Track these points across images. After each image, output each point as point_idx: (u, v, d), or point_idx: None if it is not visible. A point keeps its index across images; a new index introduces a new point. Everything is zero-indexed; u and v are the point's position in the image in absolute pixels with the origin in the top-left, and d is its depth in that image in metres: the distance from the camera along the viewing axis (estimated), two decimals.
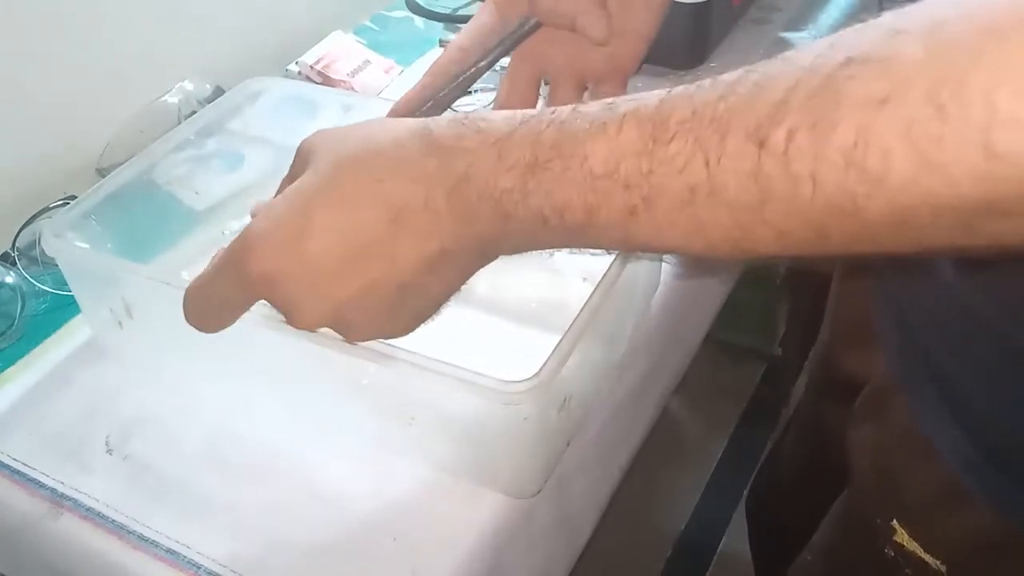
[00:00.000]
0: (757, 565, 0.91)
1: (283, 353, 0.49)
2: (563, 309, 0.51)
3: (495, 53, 0.53)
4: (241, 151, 0.68)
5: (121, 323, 0.56)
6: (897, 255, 0.28)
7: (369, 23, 1.00)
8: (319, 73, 0.85)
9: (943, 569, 0.48)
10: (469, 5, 0.94)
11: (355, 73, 0.86)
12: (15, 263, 0.68)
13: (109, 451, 0.55)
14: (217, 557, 0.48)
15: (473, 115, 0.36)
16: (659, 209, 0.30)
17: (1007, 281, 0.41)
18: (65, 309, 0.65)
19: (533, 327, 0.57)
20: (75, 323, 0.64)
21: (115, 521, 0.51)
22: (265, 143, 0.67)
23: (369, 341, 0.41)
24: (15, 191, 0.72)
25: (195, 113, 0.71)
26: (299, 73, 0.86)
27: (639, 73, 0.57)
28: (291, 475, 0.52)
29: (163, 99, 0.78)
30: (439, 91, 0.53)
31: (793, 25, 0.89)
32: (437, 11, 0.95)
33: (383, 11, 1.02)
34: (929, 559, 0.49)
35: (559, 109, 0.33)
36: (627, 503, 0.69)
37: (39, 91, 0.74)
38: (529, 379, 0.42)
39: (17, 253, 0.68)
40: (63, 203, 0.69)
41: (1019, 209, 0.24)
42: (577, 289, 0.58)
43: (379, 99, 0.77)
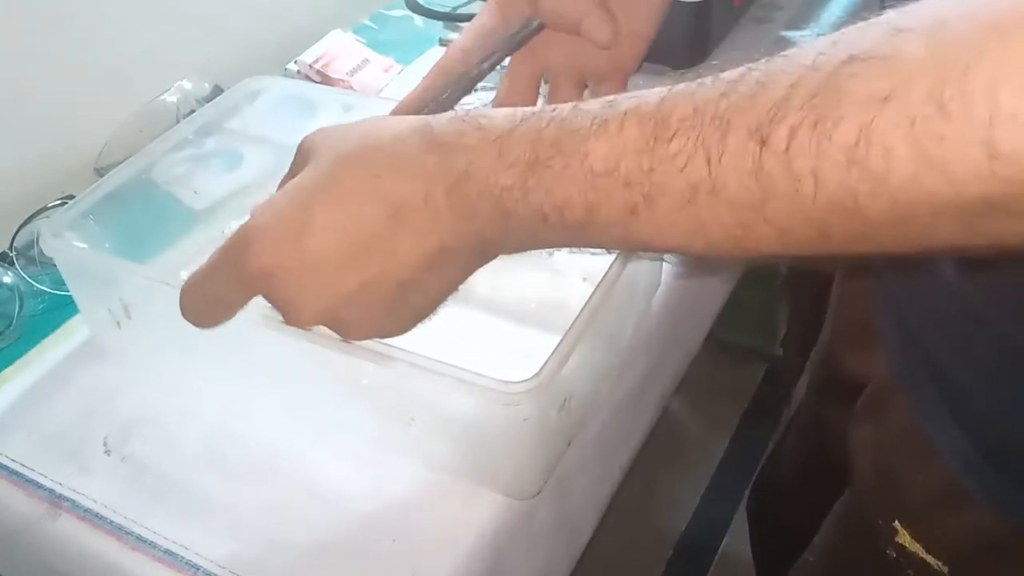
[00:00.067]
0: (758, 566, 0.91)
1: (282, 353, 0.48)
2: (563, 309, 0.51)
3: (497, 55, 0.53)
4: (240, 150, 0.68)
5: (119, 323, 0.56)
6: (898, 255, 0.28)
7: (368, 22, 1.00)
8: (318, 72, 0.85)
9: (944, 570, 0.48)
10: (469, 4, 0.94)
11: (354, 72, 0.86)
12: (13, 263, 0.67)
13: (108, 451, 0.55)
14: (216, 558, 0.48)
15: (474, 112, 0.36)
16: (660, 207, 0.30)
17: (1007, 281, 0.41)
18: (63, 309, 0.65)
19: (533, 327, 0.57)
20: (73, 323, 0.64)
21: (113, 522, 0.51)
22: (264, 142, 0.67)
23: (366, 340, 0.41)
24: (13, 191, 0.72)
25: (194, 112, 0.71)
26: (298, 72, 0.86)
27: (639, 72, 0.57)
28: (291, 475, 0.52)
29: (162, 98, 0.78)
30: (441, 92, 0.53)
31: (795, 24, 0.89)
32: (437, 10, 0.95)
33: (382, 10, 1.02)
34: (931, 559, 0.49)
35: (560, 107, 0.33)
36: (627, 504, 0.69)
37: (38, 91, 0.74)
38: (529, 379, 0.42)
39: (15, 253, 0.68)
40: (61, 203, 0.69)
41: (1021, 208, 0.24)
42: (577, 289, 0.58)
43: (378, 98, 0.77)
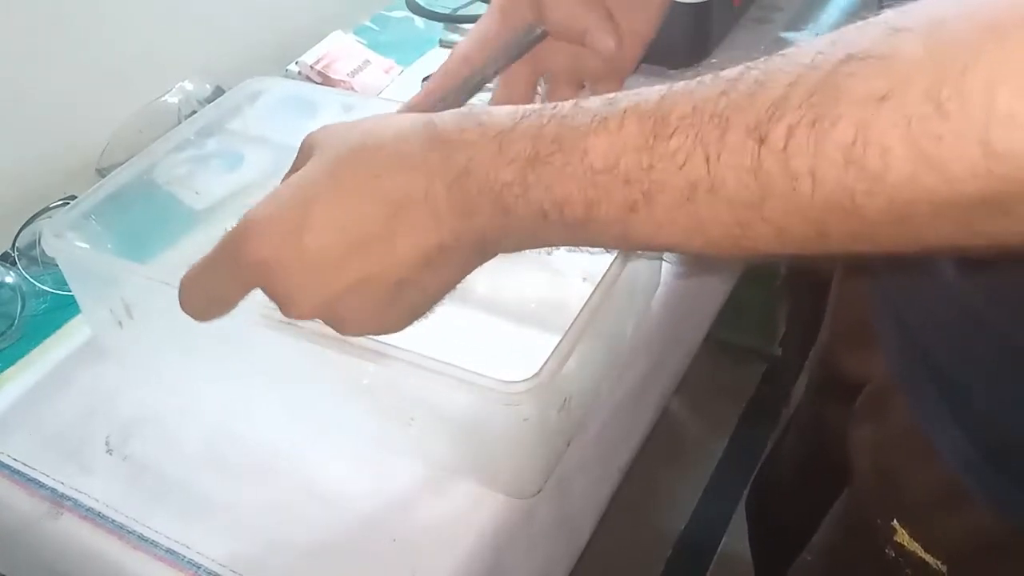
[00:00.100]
0: (757, 565, 0.91)
1: (283, 353, 0.48)
2: (563, 309, 0.51)
3: (502, 61, 0.53)
4: (241, 151, 0.68)
5: (121, 323, 0.56)
6: (897, 254, 0.28)
7: (369, 23, 1.00)
8: (319, 73, 0.85)
9: (943, 569, 0.48)
10: (469, 5, 0.94)
11: (355, 73, 0.86)
12: (15, 263, 0.68)
13: (109, 451, 0.55)
14: (217, 557, 0.48)
15: (476, 109, 0.36)
16: (659, 205, 0.30)
17: (1007, 281, 0.41)
18: (65, 309, 0.65)
19: (533, 327, 0.57)
20: (75, 323, 0.64)
21: (115, 521, 0.51)
22: (265, 143, 0.67)
23: (362, 336, 0.41)
24: (15, 191, 0.72)
25: (195, 113, 0.71)
26: (299, 73, 0.86)
27: (638, 72, 0.57)
28: (291, 475, 0.52)
29: (163, 99, 0.78)
30: (444, 97, 0.53)
31: (794, 24, 0.89)
32: (437, 11, 0.95)
33: (383, 11, 1.02)
34: (930, 559, 0.49)
35: (561, 104, 0.33)
36: (627, 503, 0.69)
37: (39, 91, 0.74)
38: (529, 379, 0.42)
39: (17, 253, 0.68)
40: (63, 203, 0.69)
41: (1019, 207, 0.24)
42: (577, 289, 0.58)
43: (379, 99, 0.77)
